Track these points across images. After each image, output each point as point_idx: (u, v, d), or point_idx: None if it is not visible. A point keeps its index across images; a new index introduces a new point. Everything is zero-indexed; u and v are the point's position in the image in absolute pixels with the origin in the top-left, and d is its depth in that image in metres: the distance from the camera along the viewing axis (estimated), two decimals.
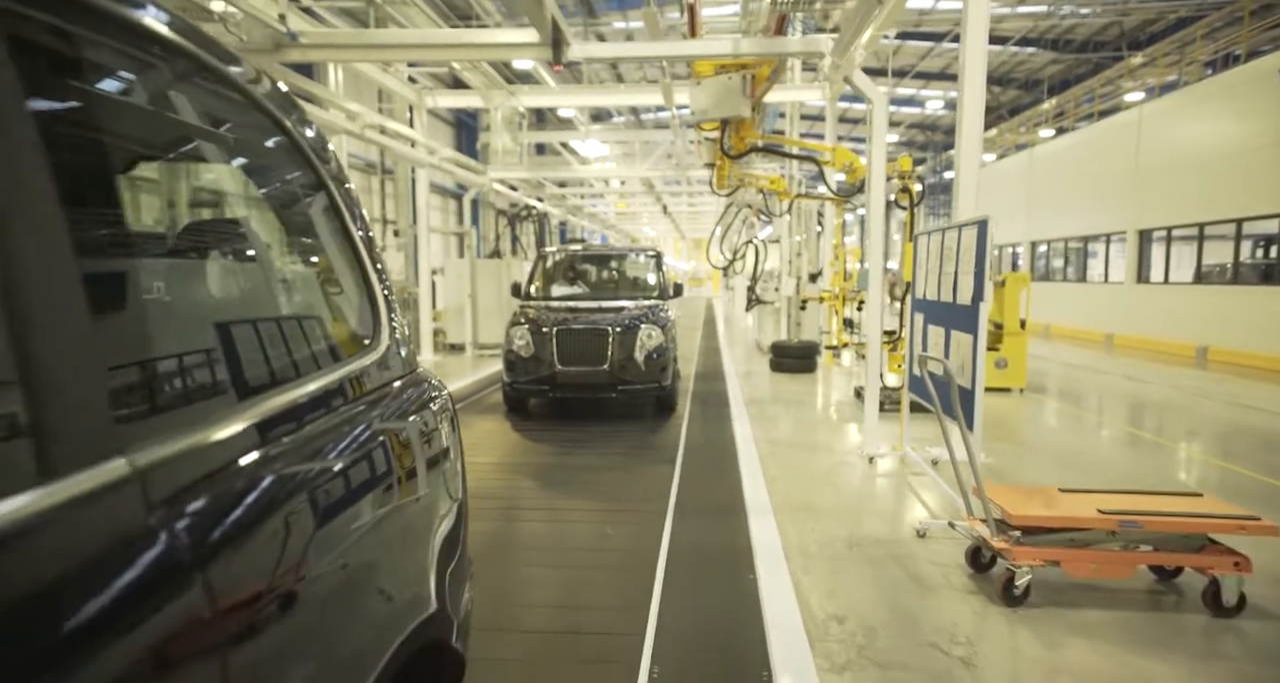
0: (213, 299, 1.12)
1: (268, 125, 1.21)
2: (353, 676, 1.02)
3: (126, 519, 0.69)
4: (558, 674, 2.51)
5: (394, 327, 1.43)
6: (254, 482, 0.87)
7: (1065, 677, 2.48)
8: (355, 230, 1.35)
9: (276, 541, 0.88)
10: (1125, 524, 2.92)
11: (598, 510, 4.28)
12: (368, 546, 1.11)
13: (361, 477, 1.11)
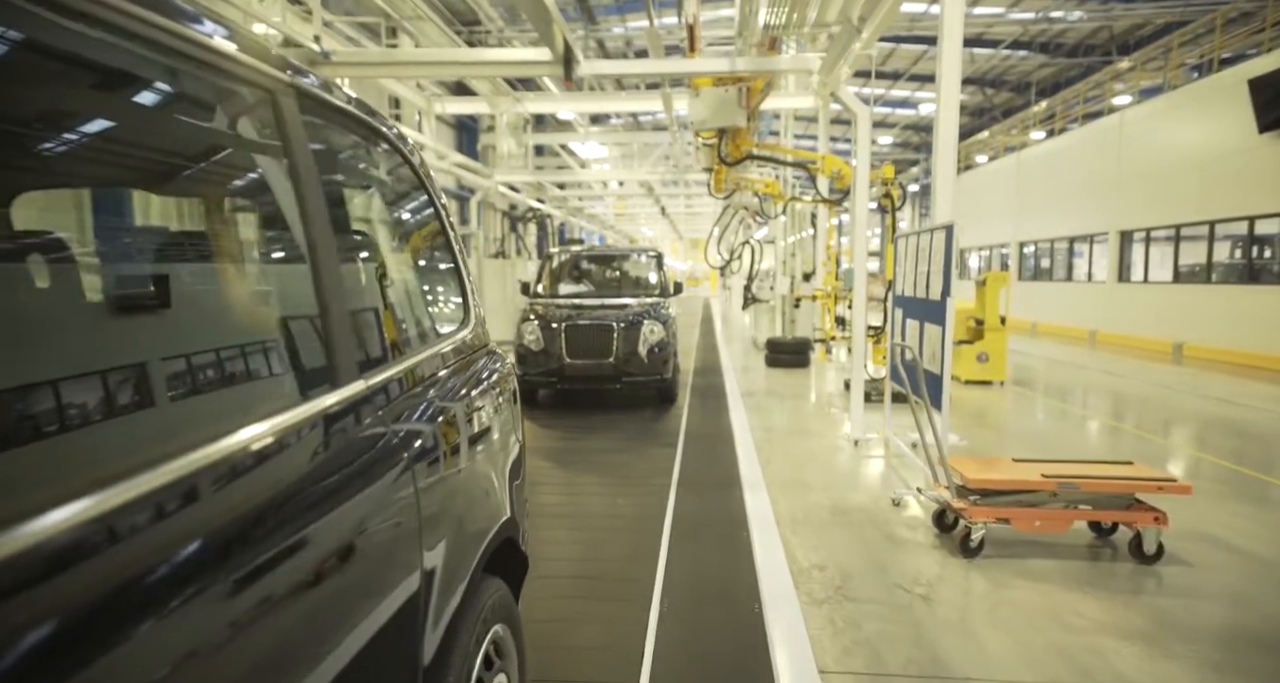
0: (407, 286, 1.65)
1: (392, 156, 1.70)
2: (476, 537, 1.52)
3: (377, 411, 1.20)
4: (586, 606, 3.00)
5: (477, 311, 1.93)
6: (435, 390, 1.40)
7: (1006, 608, 2.98)
8: (454, 238, 1.85)
9: (455, 421, 1.41)
10: (1064, 486, 3.42)
11: (608, 485, 4.78)
12: (479, 451, 1.61)
13: (474, 407, 1.61)
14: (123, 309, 0.89)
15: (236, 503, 0.86)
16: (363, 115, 1.51)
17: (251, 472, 0.90)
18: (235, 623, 0.79)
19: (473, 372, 1.78)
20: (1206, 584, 3.20)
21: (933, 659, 2.58)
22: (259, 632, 0.82)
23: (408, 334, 1.59)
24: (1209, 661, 2.56)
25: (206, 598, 0.75)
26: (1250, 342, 10.57)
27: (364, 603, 1.07)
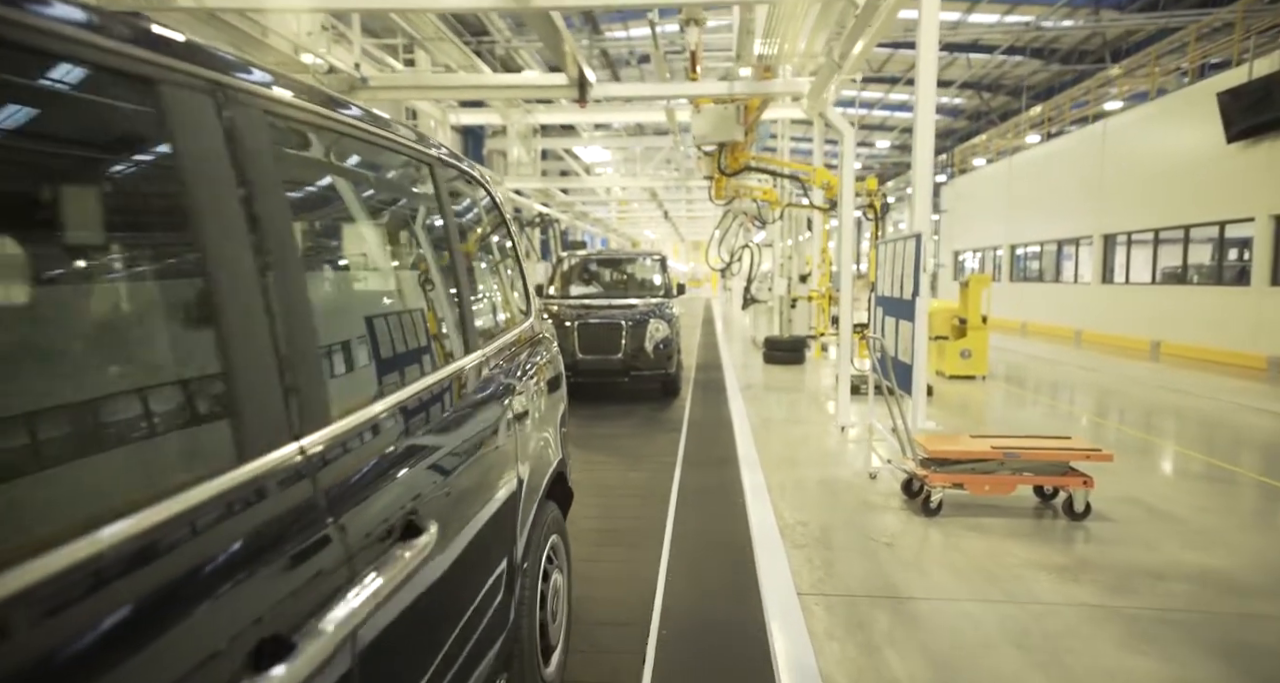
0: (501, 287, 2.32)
1: (484, 196, 2.35)
2: (542, 468, 2.18)
3: (492, 366, 1.86)
4: (610, 550, 3.66)
5: (534, 306, 2.59)
6: (519, 357, 2.06)
7: (954, 552, 3.63)
8: (520, 254, 2.50)
9: (530, 378, 2.07)
10: (1009, 455, 4.07)
11: (621, 463, 5.43)
12: (545, 409, 2.26)
13: (540, 371, 2.27)
14: (377, 302, 1.55)
15: (448, 402, 1.55)
16: (473, 173, 2.18)
17: (448, 388, 1.58)
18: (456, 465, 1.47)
19: (537, 347, 2.44)
20: (1121, 534, 3.85)
21: (887, 585, 3.23)
22: (464, 472, 1.52)
23: (501, 321, 2.25)
24: (1105, 583, 3.21)
25: (440, 454, 1.42)
26: (1221, 340, 11.20)
27: (499, 478, 1.75)
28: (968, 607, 3.03)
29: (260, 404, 0.99)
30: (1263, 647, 2.69)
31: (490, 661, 1.73)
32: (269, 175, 1.10)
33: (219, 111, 1.02)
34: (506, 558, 1.85)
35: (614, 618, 2.93)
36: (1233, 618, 2.90)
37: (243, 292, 0.99)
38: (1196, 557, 3.54)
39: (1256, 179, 10.58)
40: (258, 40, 5.57)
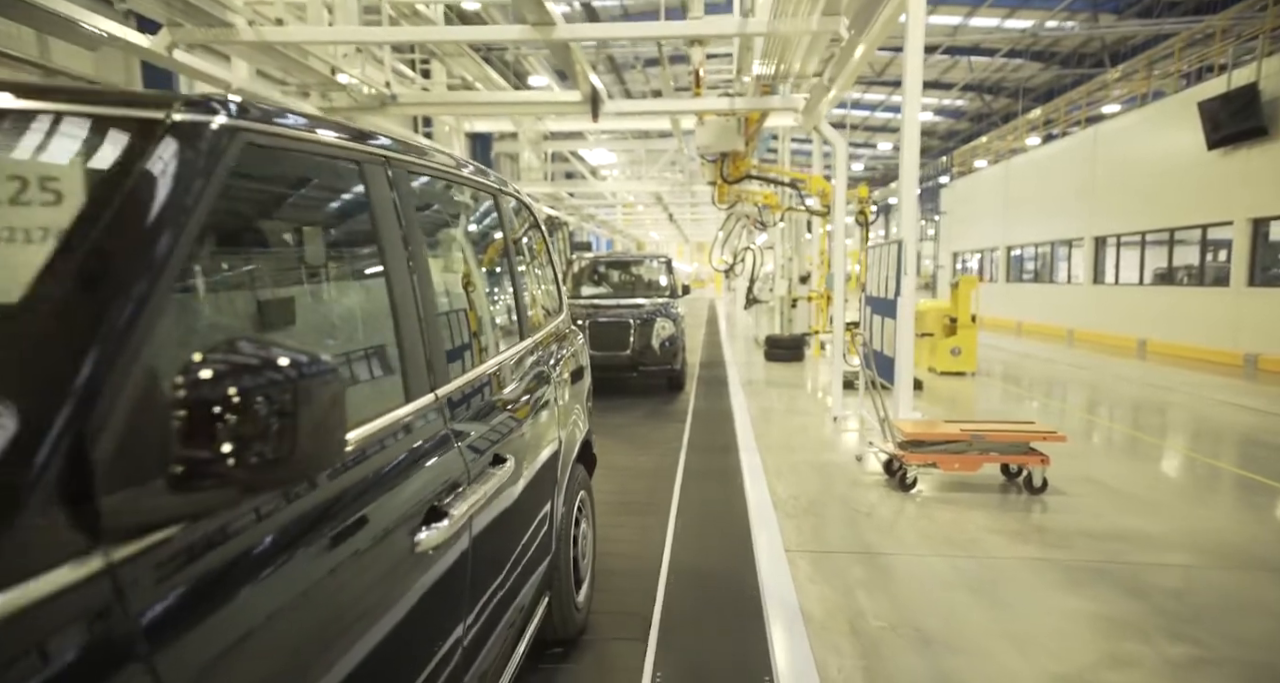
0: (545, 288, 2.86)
1: (529, 215, 2.90)
2: (575, 435, 2.73)
3: (541, 348, 2.41)
4: (624, 517, 4.19)
5: (566, 304, 3.13)
6: (556, 343, 2.61)
7: (924, 520, 4.16)
8: (557, 262, 3.05)
9: (566, 358, 2.63)
10: (975, 436, 4.60)
11: (631, 449, 5.96)
12: (575, 389, 2.81)
13: (573, 354, 2.82)
14: (472, 299, 2.10)
15: (515, 373, 2.11)
16: (521, 197, 2.73)
17: (515, 363, 2.14)
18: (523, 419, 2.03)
19: (567, 337, 2.99)
20: (1072, 506, 4.37)
21: (863, 544, 3.77)
22: (528, 425, 2.08)
23: (545, 312, 2.80)
24: (1049, 543, 3.75)
25: (513, 409, 1.98)
26: (1203, 338, 11.69)
27: (547, 436, 2.30)
28: (930, 560, 3.56)
29: (415, 367, 1.54)
30: (1167, 587, 3.22)
31: (540, 576, 2.27)
32: (413, 211, 1.66)
33: (387, 173, 1.58)
34: (550, 500, 2.39)
35: (630, 569, 3.47)
36: (1149, 567, 3.44)
37: (404, 294, 1.55)
38: (1132, 523, 4.07)
39: (1235, 184, 11.07)
40: (300, 62, 6.12)
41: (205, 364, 0.83)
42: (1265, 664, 2.60)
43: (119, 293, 0.86)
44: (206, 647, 0.87)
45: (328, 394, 0.91)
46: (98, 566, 0.76)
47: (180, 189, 0.98)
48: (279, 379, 0.86)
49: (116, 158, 0.99)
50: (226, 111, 1.11)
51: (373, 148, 1.56)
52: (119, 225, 0.91)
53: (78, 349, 0.80)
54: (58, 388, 0.77)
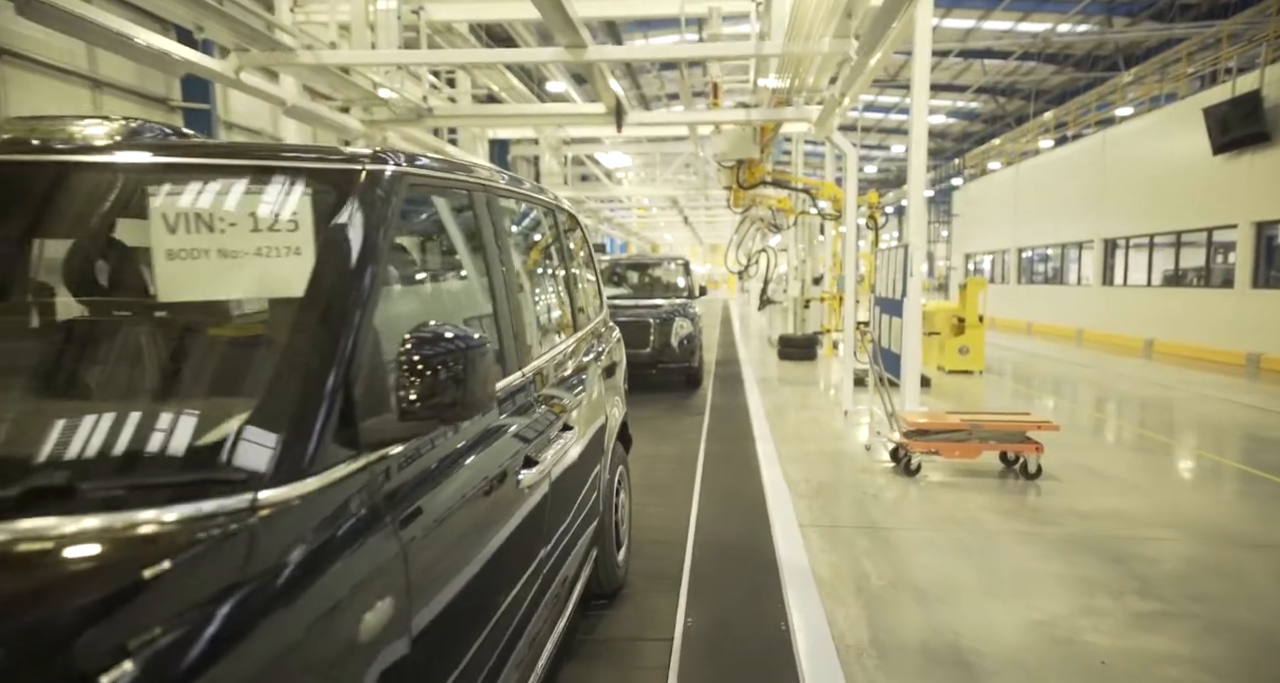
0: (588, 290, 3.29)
1: (576, 225, 3.33)
2: (616, 415, 3.15)
3: (589, 340, 2.84)
4: (651, 497, 4.61)
5: (604, 304, 3.56)
6: (597, 338, 3.02)
7: (926, 502, 4.55)
8: (596, 267, 3.48)
9: (607, 350, 3.05)
10: (974, 425, 4.98)
11: (655, 438, 6.38)
12: (615, 378, 3.23)
13: (611, 346, 3.25)
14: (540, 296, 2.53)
15: (574, 358, 2.54)
16: (571, 211, 3.16)
17: (574, 350, 2.58)
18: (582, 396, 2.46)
19: (606, 332, 3.42)
20: (1065, 489, 4.75)
21: (870, 520, 4.17)
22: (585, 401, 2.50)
23: (589, 311, 3.23)
24: (1038, 519, 4.13)
25: (574, 386, 2.41)
26: (1208, 338, 11.96)
27: (598, 413, 2.72)
28: (929, 534, 3.96)
29: (510, 348, 1.97)
30: (1141, 556, 3.60)
31: (591, 533, 2.70)
32: (502, 225, 2.10)
33: (484, 197, 2.02)
34: (599, 466, 2.82)
35: (660, 538, 3.89)
36: (1127, 540, 3.82)
37: (500, 289, 1.98)
38: (1116, 503, 4.45)
39: (1239, 188, 11.34)
40: (345, 80, 6.60)
41: (411, 341, 1.26)
42: (1217, 617, 2.98)
43: (356, 292, 1.29)
44: (417, 513, 1.31)
45: (483, 360, 1.34)
46: (360, 463, 1.20)
47: (377, 216, 1.42)
48: (454, 350, 1.29)
49: (335, 196, 1.42)
50: (395, 161, 1.55)
51: (474, 178, 2.00)
52: (349, 242, 1.34)
53: (341, 334, 1.23)
54: (333, 360, 1.20)
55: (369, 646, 1.11)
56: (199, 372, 1.32)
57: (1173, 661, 2.63)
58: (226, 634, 0.85)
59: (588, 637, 2.84)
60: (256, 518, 0.98)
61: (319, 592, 1.01)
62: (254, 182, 1.44)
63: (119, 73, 9.30)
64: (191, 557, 0.88)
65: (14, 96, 7.97)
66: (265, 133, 12.27)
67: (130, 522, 0.93)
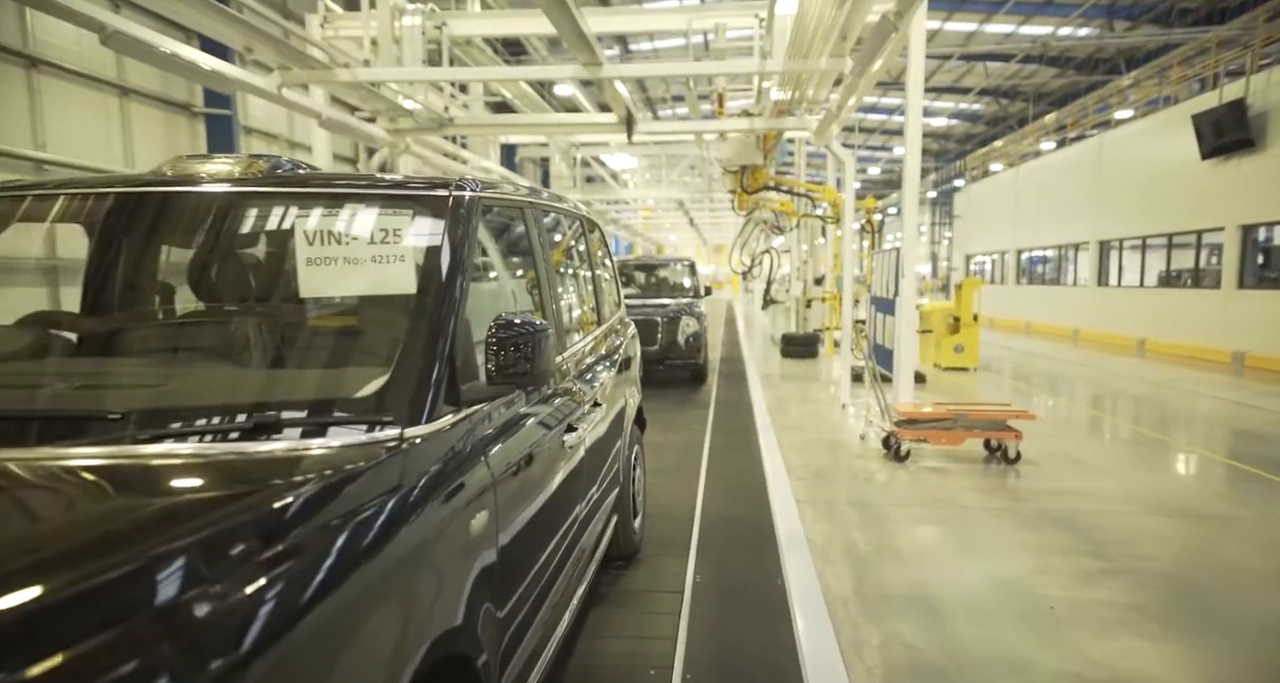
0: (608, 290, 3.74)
1: (597, 237, 3.77)
2: (634, 400, 3.60)
3: (613, 330, 3.29)
4: (660, 480, 5.05)
5: (622, 304, 4.01)
6: (617, 333, 3.48)
7: (914, 484, 4.98)
8: (615, 270, 3.93)
9: (626, 341, 3.51)
10: (959, 415, 5.41)
11: (663, 429, 6.82)
12: (632, 367, 3.68)
13: (629, 339, 3.70)
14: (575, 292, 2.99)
15: (603, 344, 2.99)
16: (598, 222, 3.61)
17: (603, 338, 3.03)
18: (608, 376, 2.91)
19: (624, 327, 3.87)
20: (1041, 473, 5.18)
21: (860, 499, 4.61)
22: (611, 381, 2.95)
23: (609, 307, 3.68)
24: (1013, 497, 4.57)
25: (604, 368, 2.86)
26: (1197, 337, 12.35)
27: (621, 395, 3.17)
28: (914, 509, 4.39)
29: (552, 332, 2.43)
30: (1098, 526, 4.03)
31: (613, 499, 3.14)
32: (545, 234, 2.55)
33: (532, 212, 2.47)
34: (619, 442, 3.26)
35: (670, 513, 4.34)
36: (1089, 514, 4.25)
37: (546, 287, 2.43)
38: (1086, 484, 4.88)
39: (1227, 192, 11.73)
40: (374, 92, 7.06)
41: (495, 326, 1.71)
42: (1153, 573, 3.42)
43: (454, 288, 1.74)
44: (499, 454, 1.76)
45: (546, 342, 1.78)
46: (461, 415, 1.65)
47: (462, 231, 1.86)
48: (526, 333, 1.73)
49: (432, 214, 1.87)
50: (472, 188, 1.99)
51: (524, 196, 2.45)
52: (444, 251, 1.79)
53: (445, 321, 1.67)
54: (441, 340, 1.65)
55: (475, 545, 1.56)
56: (348, 348, 1.77)
57: (1110, 606, 3.07)
58: (395, 515, 1.29)
59: (610, 589, 3.28)
60: (404, 445, 1.43)
61: (446, 496, 1.46)
62: (369, 205, 1.90)
63: (145, 81, 9.81)
64: (372, 465, 1.33)
65: (48, 104, 8.47)
66: (281, 136, 12.78)
67: (327, 445, 1.38)
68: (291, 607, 1.02)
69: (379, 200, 1.90)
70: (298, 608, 1.03)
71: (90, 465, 1.26)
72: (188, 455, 1.32)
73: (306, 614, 1.04)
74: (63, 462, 1.26)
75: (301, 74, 5.87)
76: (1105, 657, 2.69)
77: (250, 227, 1.96)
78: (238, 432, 1.40)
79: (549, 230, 2.80)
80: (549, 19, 4.89)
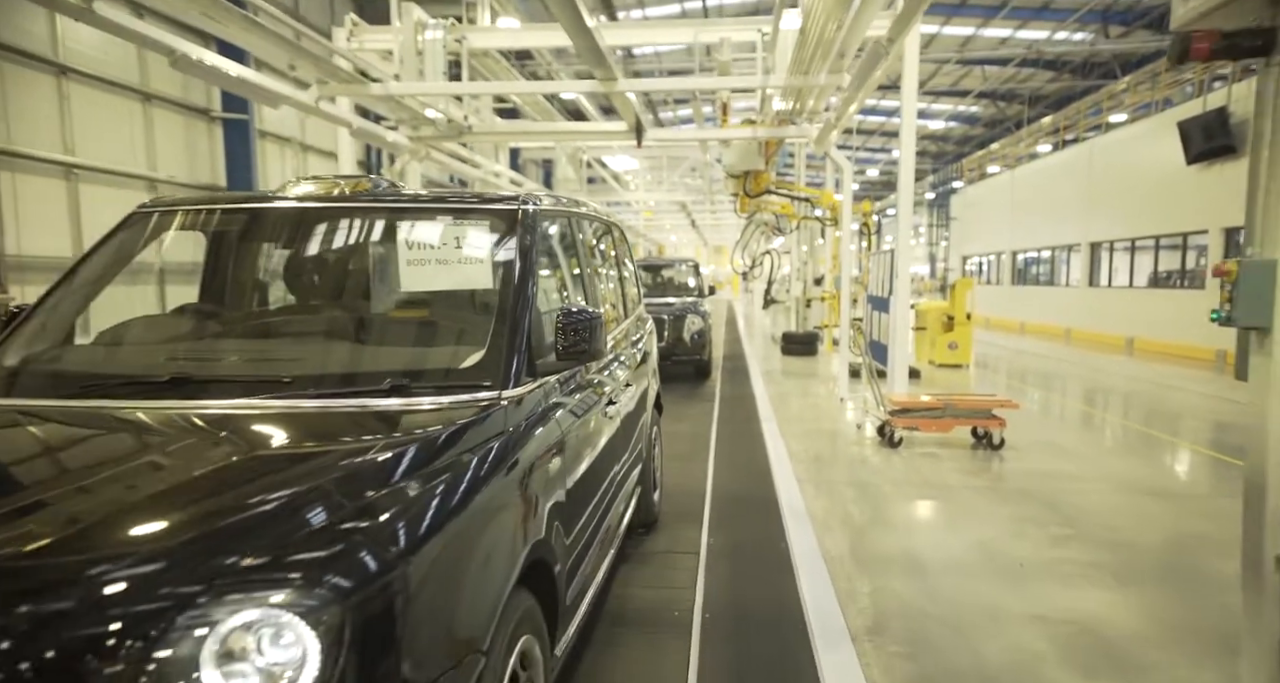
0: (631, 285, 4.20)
1: (621, 239, 4.22)
2: (654, 386, 4.06)
3: (636, 321, 3.75)
4: (673, 463, 5.49)
5: (643, 300, 4.45)
6: (639, 324, 3.93)
7: (906, 467, 5.42)
8: (635, 267, 4.38)
9: (647, 332, 3.97)
10: (947, 404, 5.86)
11: (671, 420, 7.23)
12: (650, 358, 4.14)
13: (647, 332, 4.15)
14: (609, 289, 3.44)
15: (632, 332, 3.44)
16: (621, 227, 4.06)
17: (633, 327, 3.47)
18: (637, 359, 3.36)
19: (645, 319, 4.32)
20: (1023, 457, 5.63)
21: (856, 478, 5.05)
22: (639, 365, 3.40)
23: (631, 303, 4.13)
24: (993, 477, 5.02)
25: (633, 351, 3.31)
26: (1183, 336, 12.80)
27: (646, 377, 3.62)
28: (904, 487, 4.84)
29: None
30: (1068, 501, 4.49)
31: (637, 474, 3.58)
32: (586, 238, 3.00)
33: (576, 220, 2.92)
34: (643, 419, 3.71)
35: (683, 490, 4.78)
36: (1062, 491, 4.70)
37: (589, 283, 2.87)
38: (1063, 466, 5.33)
39: (1211, 196, 12.19)
40: (400, 103, 7.50)
41: (561, 313, 2.15)
42: (1111, 538, 3.87)
43: (527, 283, 2.18)
44: (566, 415, 2.20)
45: (600, 327, 2.23)
46: (537, 383, 2.09)
47: (530, 237, 2.31)
48: (585, 319, 2.17)
49: (506, 224, 2.31)
50: (535, 203, 2.44)
51: (570, 208, 2.89)
52: (517, 254, 2.23)
53: (525, 309, 2.12)
54: (523, 324, 2.09)
55: (552, 482, 2.00)
56: (450, 331, 2.21)
57: (1072, 563, 3.52)
58: (502, 451, 1.74)
59: (634, 550, 3.73)
60: (503, 402, 1.87)
61: (534, 442, 1.90)
62: (455, 217, 2.34)
63: (167, 86, 10.27)
64: (480, 417, 1.77)
65: (77, 109, 8.92)
66: (294, 139, 13.22)
67: (439, 403, 1.83)
68: (449, 505, 1.47)
69: (462, 214, 2.35)
70: (453, 506, 1.48)
71: (284, 414, 1.71)
72: (349, 407, 1.77)
73: (461, 511, 1.48)
74: (265, 410, 1.71)
75: (339, 87, 6.31)
76: (1064, 602, 3.14)
77: (364, 235, 2.42)
78: (379, 393, 1.85)
79: (589, 235, 3.25)
80: (570, 39, 5.33)
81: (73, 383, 1.83)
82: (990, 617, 3.01)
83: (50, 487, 1.42)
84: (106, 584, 1.12)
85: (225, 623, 1.10)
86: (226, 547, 1.20)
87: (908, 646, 2.76)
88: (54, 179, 8.63)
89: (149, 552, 1.18)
